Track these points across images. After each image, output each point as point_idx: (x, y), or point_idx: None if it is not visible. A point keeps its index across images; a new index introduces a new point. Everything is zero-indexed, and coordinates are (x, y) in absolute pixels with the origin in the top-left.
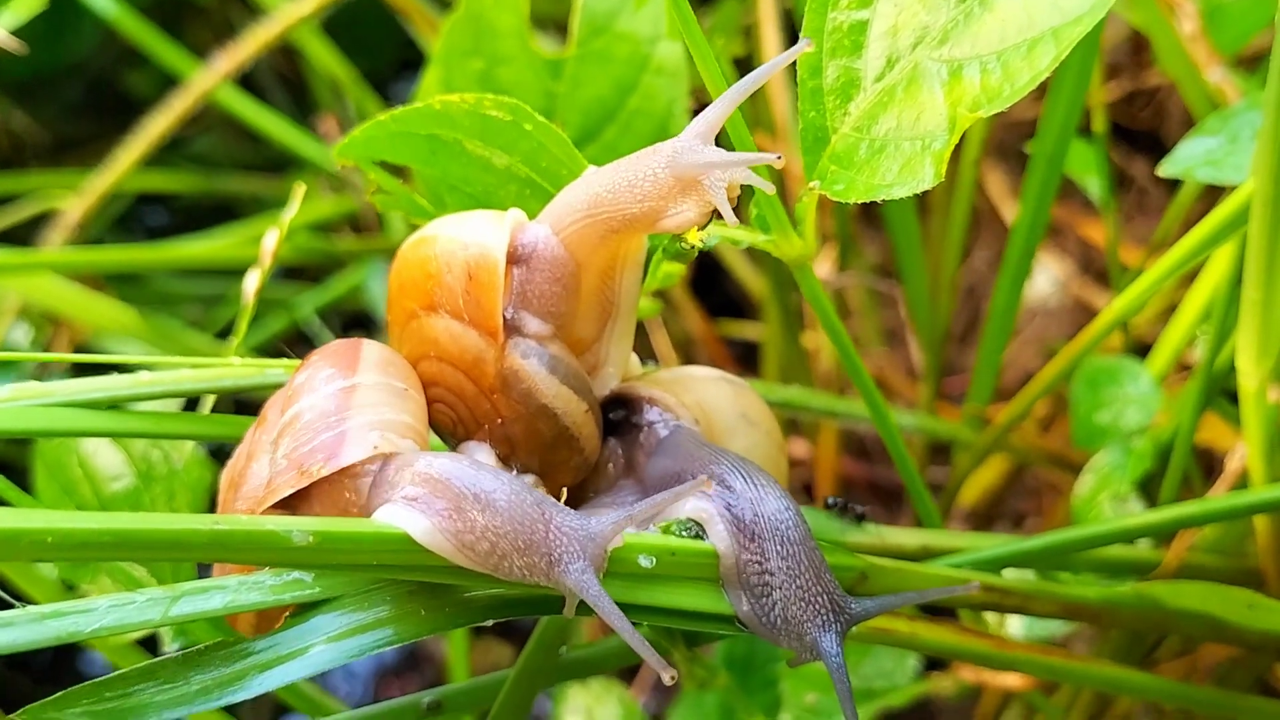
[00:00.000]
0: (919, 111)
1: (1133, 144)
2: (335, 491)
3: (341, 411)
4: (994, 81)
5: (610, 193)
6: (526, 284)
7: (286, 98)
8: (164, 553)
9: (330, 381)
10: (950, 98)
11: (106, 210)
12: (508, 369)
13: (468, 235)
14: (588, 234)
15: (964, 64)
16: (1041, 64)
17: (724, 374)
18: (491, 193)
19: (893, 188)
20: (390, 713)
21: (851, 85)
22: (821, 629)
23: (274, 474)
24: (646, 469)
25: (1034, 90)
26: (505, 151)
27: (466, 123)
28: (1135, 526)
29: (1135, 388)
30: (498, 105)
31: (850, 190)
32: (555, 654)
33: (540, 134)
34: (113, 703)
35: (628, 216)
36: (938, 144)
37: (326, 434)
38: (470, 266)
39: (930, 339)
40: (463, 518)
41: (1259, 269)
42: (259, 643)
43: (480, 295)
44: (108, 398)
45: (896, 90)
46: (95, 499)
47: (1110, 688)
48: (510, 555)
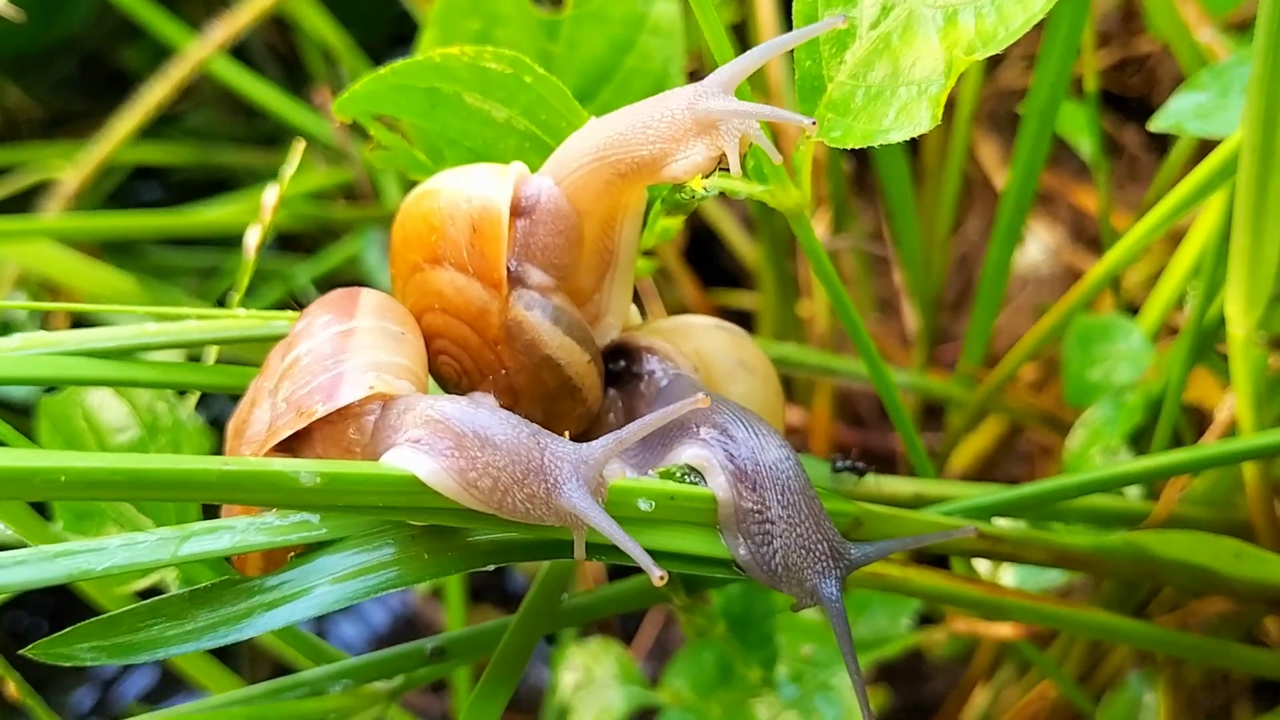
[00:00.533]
0: (915, 58)
1: (1124, 111)
2: (336, 433)
3: (338, 354)
4: (989, 25)
5: (622, 134)
6: (530, 236)
7: (280, 71)
8: (174, 492)
9: (328, 327)
10: (945, 42)
11: (101, 184)
12: (512, 320)
13: (471, 188)
14: (592, 180)
15: (959, 8)
16: (1035, 6)
17: (721, 322)
18: (491, 146)
19: (889, 132)
20: (395, 658)
21: (847, 34)
22: (822, 575)
23: (274, 417)
24: (648, 412)
25: (1026, 58)
26: (505, 104)
27: (466, 75)
28: (1126, 473)
29: (1126, 344)
30: (497, 58)
31: (847, 136)
32: (556, 599)
33: (540, 86)
34: (120, 638)
35: (636, 160)
36: (934, 88)
37: (324, 375)
38: (474, 219)
39: (924, 306)
40: (465, 456)
41: (1247, 217)
42: (265, 581)
43: (484, 247)
44: (115, 347)
45: (892, 37)
46: (100, 450)
47: (1102, 635)
48: (511, 489)
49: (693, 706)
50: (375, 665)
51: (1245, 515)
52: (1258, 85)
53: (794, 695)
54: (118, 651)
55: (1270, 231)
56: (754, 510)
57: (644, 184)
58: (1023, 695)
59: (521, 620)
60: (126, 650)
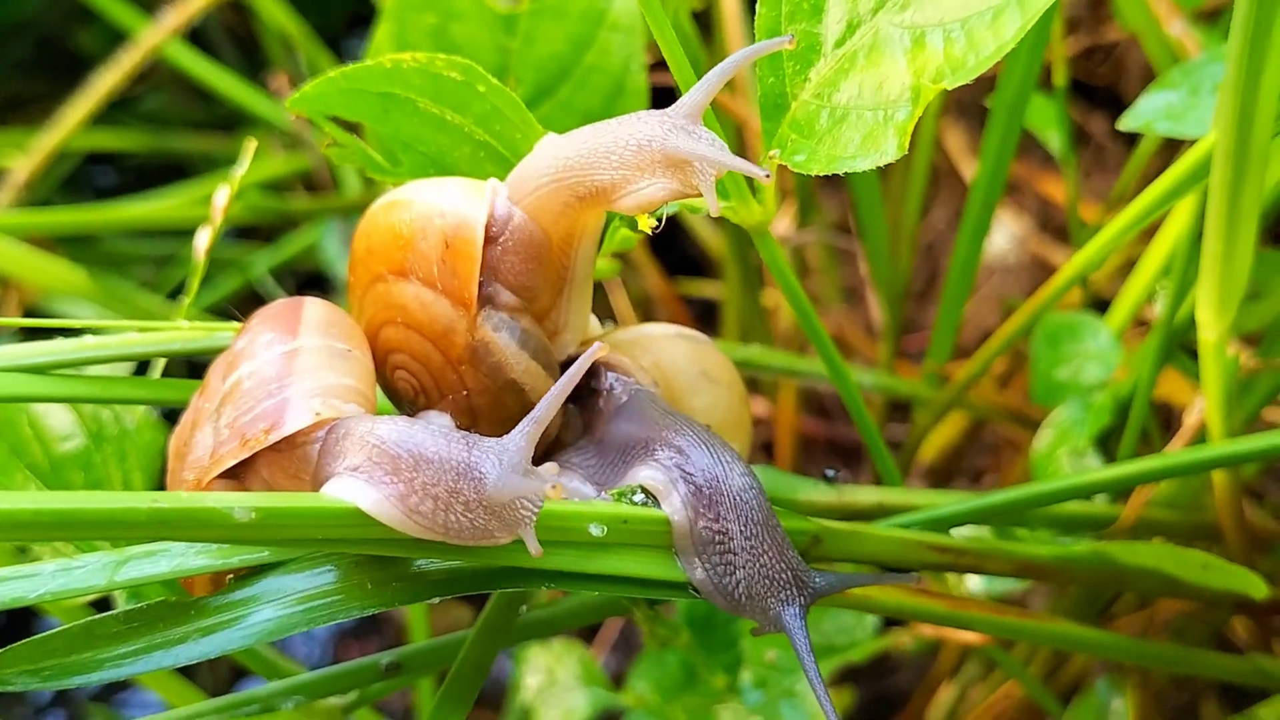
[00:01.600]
0: (881, 79)
1: (1091, 100)
2: (283, 460)
3: (283, 378)
4: (958, 51)
5: (583, 157)
6: (501, 256)
7: (237, 55)
8: (102, 532)
9: (270, 346)
10: (913, 66)
11: (55, 170)
12: (479, 341)
13: (446, 203)
14: (550, 201)
15: (927, 30)
16: (1006, 33)
17: (682, 330)
18: (446, 153)
19: (855, 159)
20: (348, 674)
21: (811, 50)
22: (785, 604)
23: (217, 443)
24: (606, 433)
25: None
26: (458, 112)
27: (418, 81)
28: (1092, 482)
29: (1095, 343)
30: (450, 65)
31: (811, 161)
32: (514, 613)
33: (494, 96)
34: (52, 662)
35: (595, 185)
36: (900, 114)
37: (268, 402)
38: (448, 235)
39: (890, 296)
40: (403, 480)
41: (1220, 222)
42: (204, 604)
43: (457, 264)
44: (54, 362)
45: (858, 57)
46: (45, 460)
47: (1066, 645)
48: (451, 505)
49: (657, 710)
50: (329, 680)
51: (1213, 518)
52: (1232, 90)
53: (759, 701)
54: (50, 675)
55: (1243, 236)
56: (714, 536)
57: (601, 209)
58: (989, 693)
59: (478, 636)
60: (58, 674)
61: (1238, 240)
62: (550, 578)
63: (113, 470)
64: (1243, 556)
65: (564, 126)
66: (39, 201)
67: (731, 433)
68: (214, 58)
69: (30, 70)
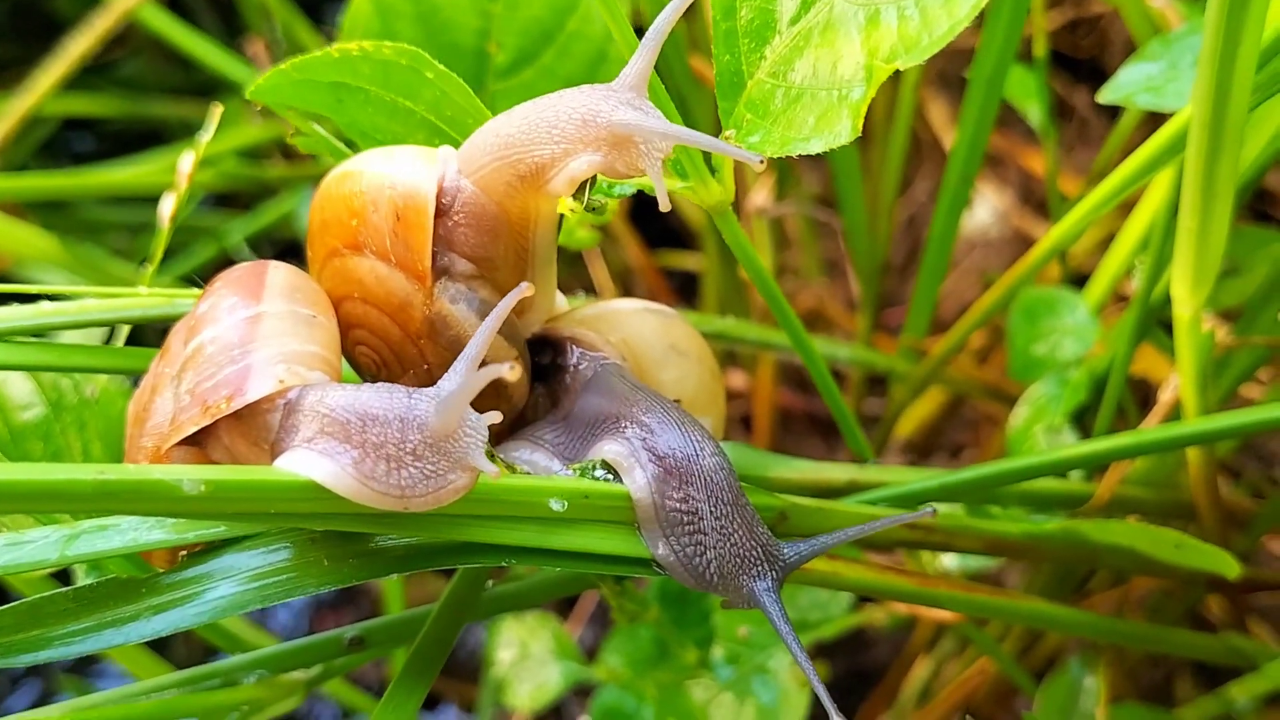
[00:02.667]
0: (835, 58)
1: (1074, 73)
2: (244, 427)
3: (245, 344)
4: (912, 29)
5: (524, 133)
6: (454, 225)
7: (215, 20)
8: (47, 504)
9: (233, 311)
10: (867, 44)
11: (31, 135)
12: (435, 314)
13: (397, 173)
14: (494, 180)
15: (881, 8)
16: (960, 12)
17: (649, 305)
18: (401, 140)
19: (809, 141)
20: (312, 648)
21: (767, 28)
22: (757, 578)
23: (178, 409)
24: (574, 408)
25: (975, 17)
26: (408, 99)
27: (367, 70)
28: (1065, 459)
29: (1072, 318)
30: (398, 53)
31: (766, 143)
32: (479, 589)
33: (442, 82)
34: (2, 638)
35: (537, 161)
36: (855, 94)
37: (230, 368)
38: (398, 206)
39: (869, 270)
40: (355, 444)
41: (1195, 197)
42: (157, 581)
43: (409, 236)
44: (9, 328)
45: (813, 34)
46: (4, 428)
47: (1039, 623)
48: (401, 459)
49: (628, 684)
50: (291, 655)
51: (1188, 496)
52: (1208, 62)
53: (730, 677)
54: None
55: (1218, 213)
56: (682, 516)
57: (544, 190)
58: (964, 669)
59: (441, 612)
60: (6, 651)
61: (1213, 216)
62: (510, 553)
63: (72, 440)
64: (1217, 535)
65: (547, 92)
66: (15, 166)
67: (704, 406)
68: (191, 23)
69: (5, 34)
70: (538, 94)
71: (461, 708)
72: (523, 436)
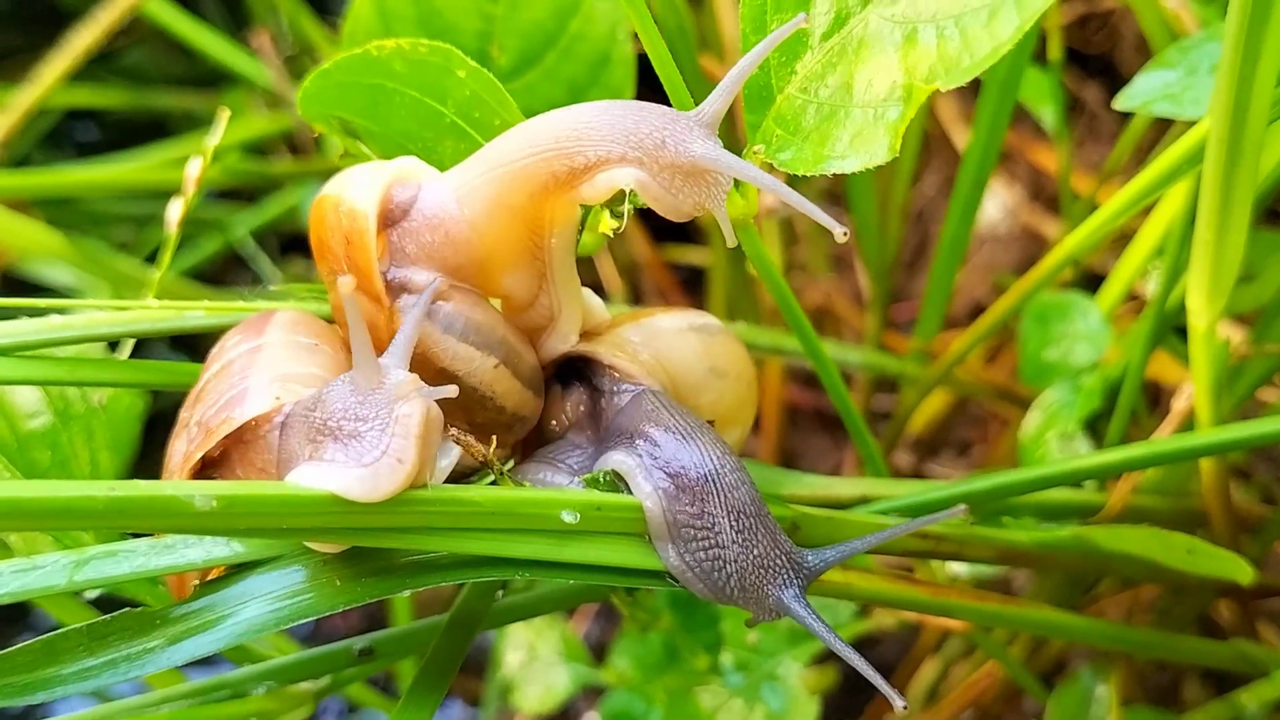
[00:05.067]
0: (870, 76)
1: (1085, 68)
2: (250, 453)
3: (245, 370)
4: (952, 49)
5: (590, 129)
6: (405, 239)
7: (221, 10)
8: (58, 521)
9: (237, 347)
10: (904, 63)
11: (35, 125)
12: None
13: (344, 194)
14: (520, 176)
15: (919, 26)
16: (1003, 34)
17: (693, 321)
18: (430, 148)
19: (845, 159)
20: (322, 658)
21: (798, 42)
22: (784, 586)
23: (188, 442)
24: (604, 433)
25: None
26: (438, 101)
27: (402, 70)
28: (1079, 469)
29: (1085, 323)
30: (432, 51)
31: (797, 161)
32: (489, 601)
33: (473, 80)
34: (14, 678)
35: (583, 161)
36: (891, 113)
37: (230, 392)
38: (345, 230)
39: (878, 268)
40: (341, 443)
41: (1212, 210)
42: (167, 615)
43: (357, 258)
44: (17, 344)
45: (847, 50)
46: (12, 437)
47: (1049, 632)
48: (385, 444)
49: (637, 689)
50: (301, 666)
51: (1200, 504)
52: (1227, 77)
53: (740, 683)
54: (12, 691)
55: (1235, 225)
56: (697, 531)
57: (570, 193)
58: (972, 671)
59: (451, 625)
60: (22, 690)
61: (1230, 229)
62: (523, 566)
63: (80, 449)
64: (1228, 540)
65: (549, 95)
66: (18, 157)
67: (737, 418)
68: (197, 15)
69: (10, 23)
70: (540, 96)
71: (467, 702)
72: (543, 459)
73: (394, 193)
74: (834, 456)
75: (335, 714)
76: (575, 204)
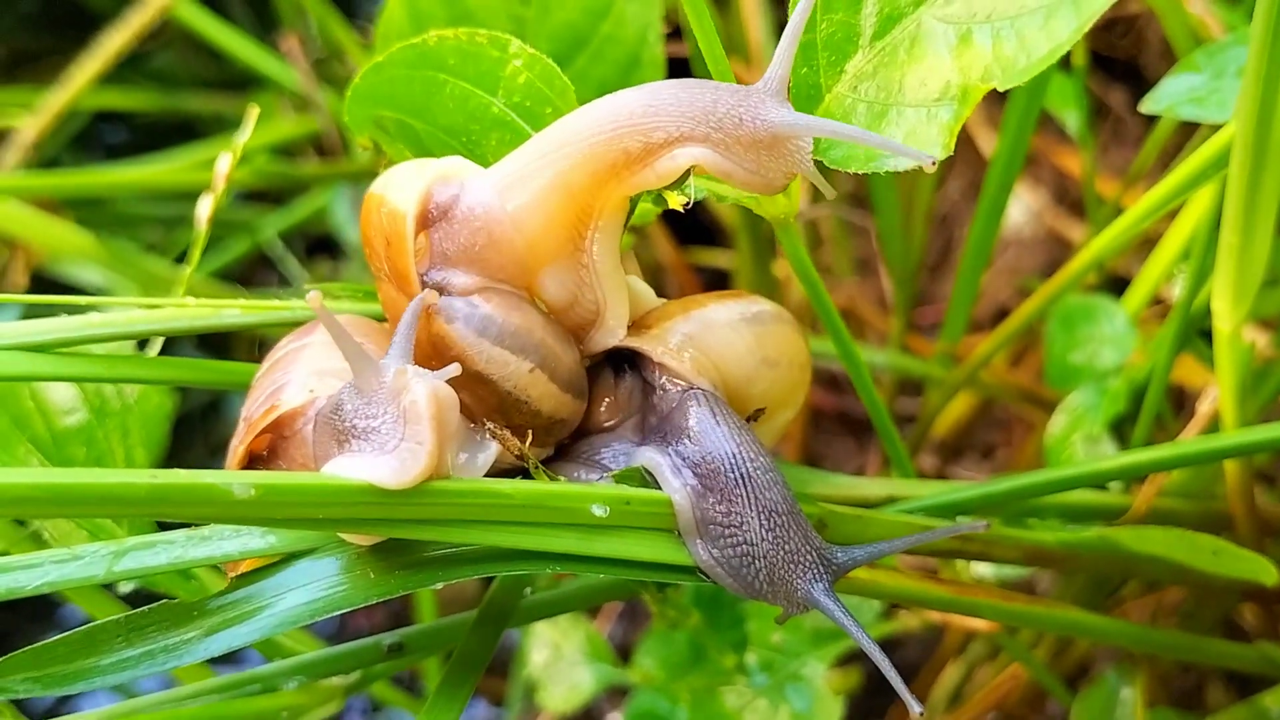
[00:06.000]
0: (923, 76)
1: (1110, 72)
2: (292, 448)
3: (288, 367)
4: (1007, 50)
5: (668, 105)
6: (446, 240)
7: (249, 14)
8: (102, 508)
9: (285, 346)
10: (959, 63)
11: (64, 128)
12: (435, 335)
13: (387, 195)
14: (581, 164)
15: (974, 27)
16: (1061, 35)
17: (745, 311)
18: (477, 142)
19: (897, 158)
20: (351, 654)
21: (849, 42)
22: (814, 580)
23: (237, 438)
24: (654, 423)
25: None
26: (488, 92)
27: (454, 62)
28: (1104, 470)
29: (1110, 327)
30: (490, 41)
31: (849, 159)
32: (518, 596)
33: (531, 67)
34: (54, 669)
35: (653, 140)
36: (945, 113)
37: (271, 388)
38: (386, 231)
39: (902, 271)
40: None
41: (1237, 214)
42: (204, 606)
43: (396, 260)
44: (57, 340)
45: (899, 50)
46: (48, 433)
47: (1074, 632)
48: (401, 430)
49: (662, 688)
50: (331, 661)
51: (1225, 507)
52: (1252, 81)
53: (765, 683)
54: (52, 682)
55: (1260, 230)
56: (723, 526)
57: (638, 172)
58: (996, 673)
59: (480, 620)
60: (60, 681)
61: (1255, 233)
62: (553, 559)
63: (115, 445)
64: (1252, 543)
65: (579, 97)
66: (48, 159)
67: (786, 401)
68: (225, 17)
69: (37, 24)
70: None
71: (491, 701)
72: (575, 457)
73: (435, 192)
74: (858, 459)
75: (360, 712)
76: (629, 193)
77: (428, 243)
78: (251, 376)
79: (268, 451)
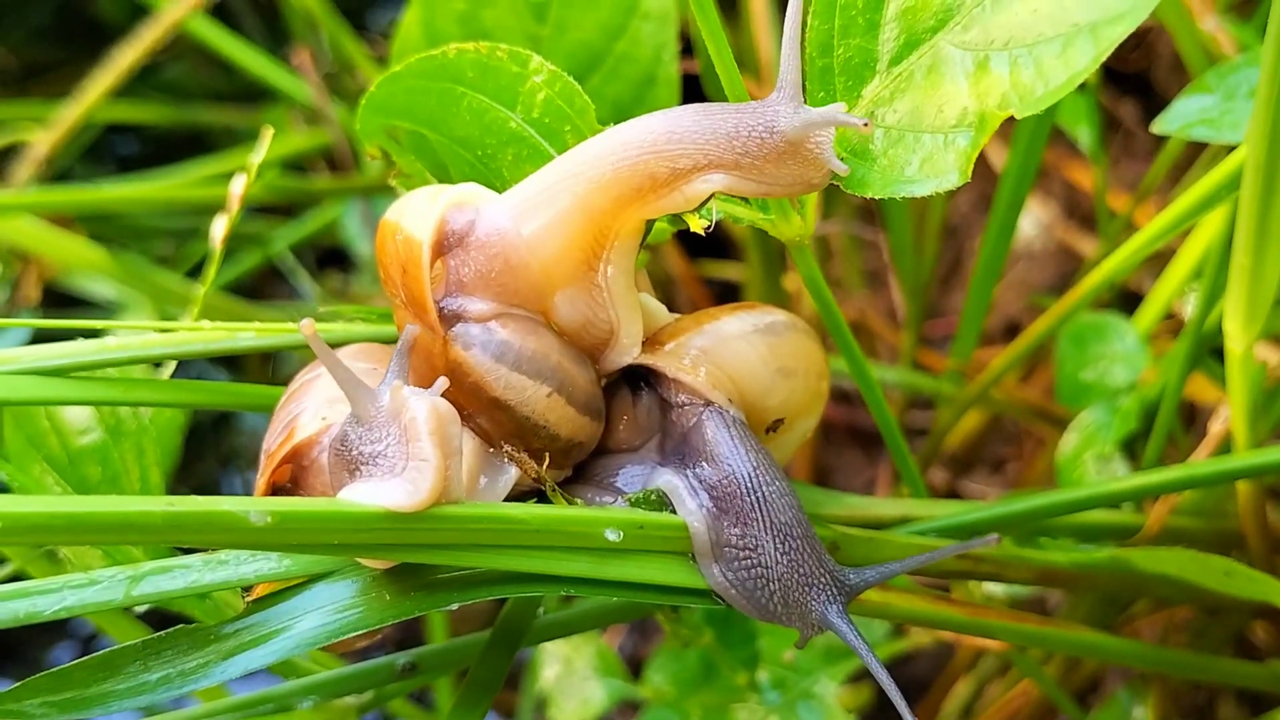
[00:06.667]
0: (940, 102)
1: (1121, 86)
2: (311, 477)
3: (301, 398)
4: (1025, 78)
5: (690, 132)
6: (461, 266)
7: (261, 27)
8: (119, 536)
9: (301, 377)
10: (975, 90)
11: (76, 140)
12: (452, 362)
13: (402, 222)
14: (603, 188)
15: (991, 54)
16: (1078, 64)
17: (758, 322)
18: (491, 157)
19: (914, 184)
20: (364, 674)
21: (866, 67)
22: (828, 602)
23: (259, 472)
24: (673, 443)
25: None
26: (506, 106)
27: (472, 75)
28: (1116, 491)
29: (1122, 345)
30: (510, 56)
31: (866, 183)
32: (531, 617)
33: (550, 83)
34: (71, 693)
35: (678, 167)
36: (961, 140)
37: (287, 418)
38: (402, 258)
39: (913, 284)
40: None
41: (1249, 235)
42: (220, 631)
43: (412, 287)
44: (73, 365)
45: (915, 76)
46: (63, 452)
47: (1088, 653)
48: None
49: (674, 705)
50: (345, 680)
51: (1236, 526)
52: (1263, 105)
53: (776, 701)
54: (69, 707)
55: (1272, 251)
56: (740, 551)
57: (661, 198)
58: (1007, 689)
59: (493, 641)
60: (78, 705)
61: (1267, 254)
62: (567, 583)
63: (130, 465)
64: (1264, 562)
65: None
66: (60, 171)
67: (804, 411)
68: (237, 28)
69: (50, 37)
70: None
71: (502, 715)
72: (590, 479)
73: (450, 218)
74: (868, 472)
75: None
76: (650, 216)
77: (444, 269)
78: (264, 397)
79: (290, 483)
